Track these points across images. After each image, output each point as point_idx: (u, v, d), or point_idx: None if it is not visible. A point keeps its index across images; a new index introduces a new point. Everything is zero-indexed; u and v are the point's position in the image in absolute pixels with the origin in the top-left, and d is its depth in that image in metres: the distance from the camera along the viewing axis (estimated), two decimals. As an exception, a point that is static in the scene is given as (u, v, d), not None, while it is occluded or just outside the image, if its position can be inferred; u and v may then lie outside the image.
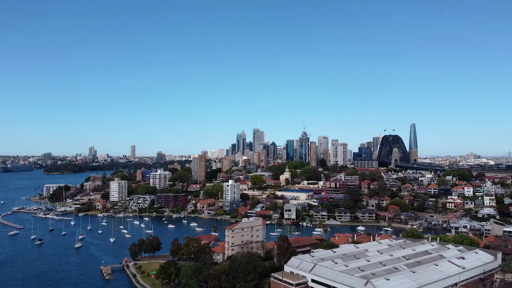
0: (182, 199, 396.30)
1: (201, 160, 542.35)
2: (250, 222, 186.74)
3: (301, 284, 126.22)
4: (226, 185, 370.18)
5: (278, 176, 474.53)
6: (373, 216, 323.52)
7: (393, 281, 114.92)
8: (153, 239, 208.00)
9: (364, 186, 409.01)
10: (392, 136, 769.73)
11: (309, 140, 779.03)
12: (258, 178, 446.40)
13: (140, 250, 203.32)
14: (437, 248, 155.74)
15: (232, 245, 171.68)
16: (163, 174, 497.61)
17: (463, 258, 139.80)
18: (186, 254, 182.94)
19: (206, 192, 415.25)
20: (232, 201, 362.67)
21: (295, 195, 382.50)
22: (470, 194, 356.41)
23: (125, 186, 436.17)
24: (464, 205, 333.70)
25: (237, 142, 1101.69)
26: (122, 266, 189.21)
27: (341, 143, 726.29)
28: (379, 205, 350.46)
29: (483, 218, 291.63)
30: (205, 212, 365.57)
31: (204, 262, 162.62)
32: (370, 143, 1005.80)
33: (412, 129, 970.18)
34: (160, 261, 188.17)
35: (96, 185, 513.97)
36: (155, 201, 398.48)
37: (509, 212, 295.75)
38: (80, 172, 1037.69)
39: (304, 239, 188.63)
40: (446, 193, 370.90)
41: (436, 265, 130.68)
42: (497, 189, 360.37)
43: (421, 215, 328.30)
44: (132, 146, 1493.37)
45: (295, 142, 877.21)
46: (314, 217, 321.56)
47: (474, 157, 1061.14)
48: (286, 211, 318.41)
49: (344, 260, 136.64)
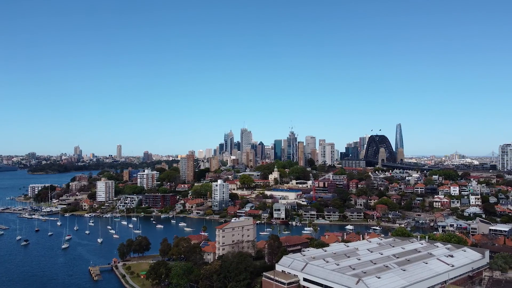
0: (170, 199, 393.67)
1: (189, 160, 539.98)
2: (241, 222, 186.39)
3: (293, 283, 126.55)
4: (215, 185, 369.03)
5: (267, 175, 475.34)
6: (361, 215, 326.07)
7: (384, 279, 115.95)
8: (142, 239, 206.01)
9: (352, 185, 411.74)
10: (378, 136, 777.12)
11: (296, 140, 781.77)
12: (247, 178, 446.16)
13: (129, 251, 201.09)
14: (426, 246, 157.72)
15: (223, 244, 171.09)
16: (150, 174, 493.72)
17: (452, 256, 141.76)
18: (176, 254, 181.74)
19: (194, 192, 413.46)
20: (221, 201, 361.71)
21: (284, 195, 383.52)
22: (456, 193, 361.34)
23: (112, 186, 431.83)
24: (450, 204, 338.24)
25: (225, 142, 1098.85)
26: (111, 266, 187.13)
27: (328, 143, 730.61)
28: (367, 204, 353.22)
29: (469, 217, 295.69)
30: (193, 212, 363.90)
31: (195, 262, 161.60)
32: (357, 143, 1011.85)
33: (398, 129, 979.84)
34: (149, 261, 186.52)
35: (82, 185, 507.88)
36: (143, 201, 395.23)
37: (495, 211, 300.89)
38: (65, 172, 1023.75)
39: (294, 238, 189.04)
40: (432, 192, 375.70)
41: (425, 263, 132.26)
42: (483, 188, 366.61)
43: (409, 214, 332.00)
44: (118, 145, 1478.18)
45: (282, 142, 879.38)
46: (303, 216, 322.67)
47: (458, 157, 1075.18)
48: (275, 211, 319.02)
49: (335, 258, 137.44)
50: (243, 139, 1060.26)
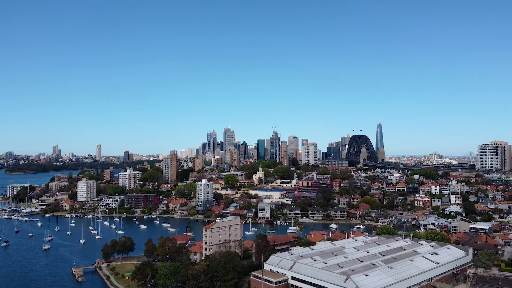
0: (153, 199, 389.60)
1: (172, 160, 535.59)
2: (228, 221, 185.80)
3: (281, 282, 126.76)
4: (199, 185, 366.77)
5: (251, 175, 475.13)
6: (344, 214, 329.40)
7: (372, 277, 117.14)
8: (126, 239, 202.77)
9: (335, 184, 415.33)
10: (360, 136, 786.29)
11: (279, 140, 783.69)
12: (231, 178, 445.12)
13: (113, 251, 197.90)
14: (410, 244, 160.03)
15: (210, 244, 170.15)
16: (132, 173, 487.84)
17: (437, 253, 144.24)
18: (161, 254, 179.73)
19: (178, 192, 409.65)
20: (206, 201, 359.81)
21: (269, 194, 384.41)
22: (437, 192, 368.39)
23: (94, 186, 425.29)
24: (431, 203, 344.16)
25: (208, 142, 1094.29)
26: (95, 267, 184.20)
27: (311, 143, 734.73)
28: (350, 203, 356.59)
29: (450, 215, 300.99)
30: (177, 212, 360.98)
31: (181, 262, 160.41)
32: (338, 143, 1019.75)
33: (379, 130, 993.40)
34: (134, 262, 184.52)
35: (62, 185, 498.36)
36: (125, 201, 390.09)
37: (475, 209, 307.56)
38: (43, 172, 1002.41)
39: (281, 237, 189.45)
40: (414, 191, 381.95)
41: (411, 261, 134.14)
42: (462, 188, 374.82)
43: (391, 212, 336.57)
44: (98, 145, 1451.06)
45: (266, 142, 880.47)
46: (288, 215, 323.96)
47: (437, 156, 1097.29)
48: (260, 210, 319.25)
49: (323, 257, 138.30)
50: (226, 139, 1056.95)
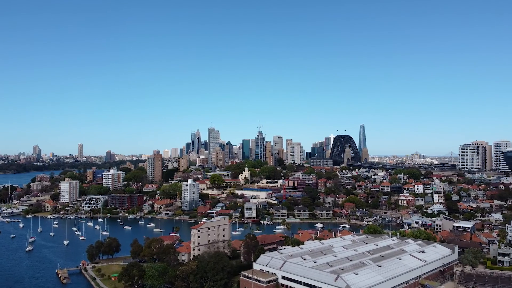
0: (137, 199, 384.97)
1: (157, 160, 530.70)
2: (217, 221, 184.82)
3: (271, 281, 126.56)
4: (185, 185, 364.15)
5: (237, 175, 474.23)
6: (330, 213, 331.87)
7: (362, 275, 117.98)
8: (111, 240, 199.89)
9: (320, 184, 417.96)
10: (344, 136, 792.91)
11: (264, 139, 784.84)
12: (217, 178, 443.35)
13: (98, 252, 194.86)
14: (397, 242, 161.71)
15: (198, 245, 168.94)
16: (116, 174, 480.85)
17: (424, 252, 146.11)
18: (148, 255, 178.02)
19: (163, 192, 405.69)
20: (191, 201, 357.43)
21: (255, 194, 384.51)
22: (420, 191, 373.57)
23: (76, 187, 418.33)
24: (415, 202, 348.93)
25: (192, 142, 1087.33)
26: (80, 269, 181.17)
27: (296, 143, 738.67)
28: (335, 202, 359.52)
29: (433, 214, 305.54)
30: (162, 212, 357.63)
31: (169, 263, 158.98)
32: (322, 143, 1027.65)
33: (362, 130, 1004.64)
34: (120, 263, 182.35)
35: (44, 186, 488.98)
36: (109, 202, 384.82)
37: (457, 208, 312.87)
38: (24, 172, 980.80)
39: (270, 237, 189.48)
40: (398, 190, 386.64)
41: (399, 259, 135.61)
42: (445, 187, 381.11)
43: (376, 211, 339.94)
44: (80, 145, 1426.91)
45: (250, 142, 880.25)
46: (274, 215, 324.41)
47: (419, 156, 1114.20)
48: (246, 210, 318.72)
49: (312, 256, 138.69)
50: (211, 139, 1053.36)
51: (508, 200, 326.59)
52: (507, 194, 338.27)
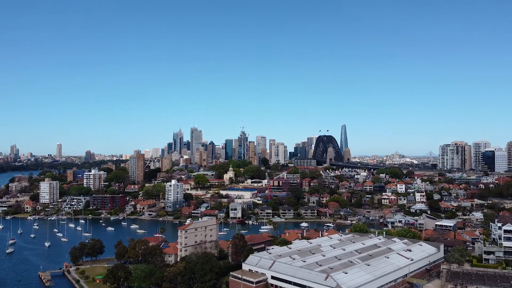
0: (120, 200, 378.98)
1: (139, 160, 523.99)
2: (204, 222, 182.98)
3: (261, 281, 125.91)
4: (168, 185, 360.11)
5: (221, 175, 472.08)
6: (315, 213, 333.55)
7: (351, 274, 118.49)
8: (95, 242, 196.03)
9: (305, 184, 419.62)
10: (326, 136, 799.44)
11: (247, 139, 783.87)
12: (201, 178, 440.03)
13: (82, 254, 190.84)
14: (384, 241, 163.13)
15: (185, 245, 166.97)
16: (97, 174, 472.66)
17: (410, 250, 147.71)
18: (133, 256, 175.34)
19: (146, 193, 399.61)
20: (175, 202, 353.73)
21: (240, 194, 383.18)
22: (402, 190, 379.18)
23: (57, 187, 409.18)
24: (398, 201, 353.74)
25: (174, 141, 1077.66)
26: (63, 271, 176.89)
27: (280, 143, 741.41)
28: (319, 201, 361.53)
29: (415, 213, 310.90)
30: (145, 213, 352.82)
31: (156, 264, 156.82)
32: (305, 143, 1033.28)
33: (343, 130, 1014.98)
34: (104, 265, 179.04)
35: (23, 186, 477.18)
36: (91, 203, 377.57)
37: (439, 207, 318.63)
38: (1, 173, 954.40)
39: (258, 237, 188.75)
40: (380, 190, 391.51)
41: (387, 258, 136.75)
42: (427, 186, 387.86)
43: (359, 211, 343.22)
44: (58, 144, 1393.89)
45: (233, 142, 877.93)
46: (260, 215, 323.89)
47: (399, 156, 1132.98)
48: (231, 210, 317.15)
49: (301, 255, 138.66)
50: (194, 139, 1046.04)
51: (488, 199, 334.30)
52: (487, 193, 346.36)
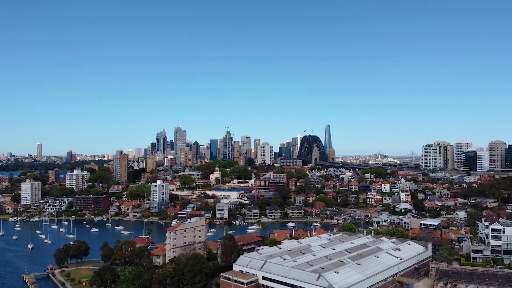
0: (104, 201, 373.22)
1: (123, 160, 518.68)
2: (192, 223, 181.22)
3: (252, 282, 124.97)
4: (153, 186, 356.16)
5: (207, 175, 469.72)
6: (301, 212, 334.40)
7: (342, 274, 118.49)
8: (80, 243, 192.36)
9: (291, 183, 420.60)
10: (311, 136, 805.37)
11: (232, 139, 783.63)
12: (187, 178, 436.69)
13: (66, 256, 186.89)
14: (373, 241, 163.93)
15: (173, 247, 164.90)
16: (80, 174, 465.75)
17: (399, 249, 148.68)
18: (120, 258, 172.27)
19: (130, 193, 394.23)
20: (161, 202, 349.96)
21: (226, 194, 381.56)
22: (387, 190, 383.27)
23: (39, 188, 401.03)
24: (382, 201, 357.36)
25: (157, 141, 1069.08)
26: (47, 274, 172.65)
27: (265, 143, 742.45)
28: (306, 201, 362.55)
29: (400, 212, 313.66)
30: (130, 214, 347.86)
31: (144, 266, 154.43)
32: (290, 143, 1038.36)
33: (327, 130, 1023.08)
34: (89, 267, 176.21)
35: (3, 187, 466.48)
36: (74, 204, 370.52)
37: (423, 206, 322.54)
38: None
39: (247, 237, 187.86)
40: (365, 189, 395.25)
41: (377, 257, 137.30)
42: (411, 186, 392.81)
43: (345, 210, 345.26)
44: (39, 144, 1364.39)
45: (218, 142, 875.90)
46: (247, 215, 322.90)
47: (381, 156, 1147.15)
48: (218, 211, 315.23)
49: (292, 255, 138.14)
50: (178, 139, 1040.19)
51: (471, 198, 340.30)
52: (470, 193, 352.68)
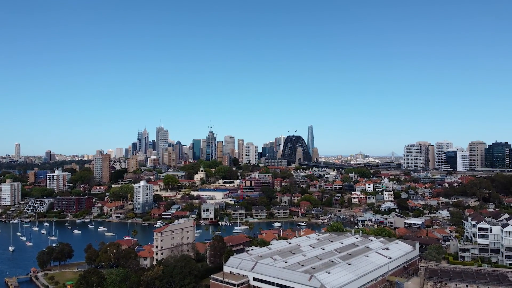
0: (86, 202, 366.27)
1: (105, 160, 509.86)
2: (180, 224, 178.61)
3: (243, 283, 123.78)
4: (137, 186, 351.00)
5: (192, 175, 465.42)
6: (287, 212, 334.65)
7: (334, 274, 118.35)
8: (64, 246, 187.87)
9: (276, 183, 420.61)
10: (295, 136, 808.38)
11: (216, 139, 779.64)
12: (171, 178, 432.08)
13: (50, 259, 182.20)
14: (361, 240, 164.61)
15: (161, 248, 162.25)
16: (61, 175, 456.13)
17: (388, 249, 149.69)
18: (105, 261, 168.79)
19: (113, 194, 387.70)
20: (144, 203, 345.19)
21: (212, 195, 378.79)
22: (371, 190, 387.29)
23: (18, 189, 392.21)
24: (367, 200, 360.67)
25: (139, 141, 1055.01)
26: (30, 277, 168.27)
27: (249, 143, 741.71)
28: (291, 201, 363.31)
29: (385, 211, 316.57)
30: (113, 215, 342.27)
31: (130, 269, 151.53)
32: (273, 143, 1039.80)
33: (310, 130, 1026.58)
34: (73, 270, 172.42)
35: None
36: (55, 205, 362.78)
37: (407, 205, 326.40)
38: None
39: (236, 238, 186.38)
40: (350, 189, 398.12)
41: (366, 257, 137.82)
42: (394, 185, 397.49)
43: (330, 209, 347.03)
44: (17, 144, 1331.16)
45: (201, 142, 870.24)
46: (232, 215, 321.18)
47: (362, 156, 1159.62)
48: (204, 211, 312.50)
49: (282, 256, 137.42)
50: (159, 138, 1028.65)
51: (453, 197, 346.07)
52: (452, 192, 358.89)
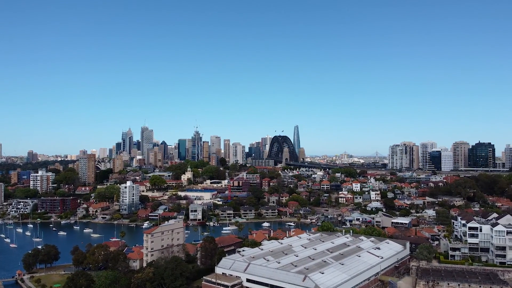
0: (71, 203, 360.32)
1: (90, 160, 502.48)
2: (171, 225, 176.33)
3: (236, 285, 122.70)
4: (123, 187, 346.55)
5: (179, 176, 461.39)
6: (275, 212, 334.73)
7: (328, 274, 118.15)
8: (50, 248, 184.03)
9: (264, 183, 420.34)
10: (281, 136, 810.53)
11: (201, 139, 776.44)
12: (158, 179, 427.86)
13: (35, 261, 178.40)
14: (352, 240, 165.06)
15: (151, 250, 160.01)
16: (45, 175, 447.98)
17: (379, 248, 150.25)
18: (93, 263, 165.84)
19: (98, 195, 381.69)
20: (131, 204, 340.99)
21: (199, 195, 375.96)
22: (358, 189, 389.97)
23: (1, 190, 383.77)
24: (354, 200, 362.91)
25: (123, 141, 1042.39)
26: (15, 279, 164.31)
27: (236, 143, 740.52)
28: (279, 201, 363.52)
29: (372, 211, 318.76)
30: (99, 216, 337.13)
31: (120, 271, 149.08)
32: (259, 143, 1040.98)
33: (296, 131, 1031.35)
34: (60, 272, 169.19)
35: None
36: (39, 206, 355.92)
37: (394, 205, 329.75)
38: None
39: (227, 239, 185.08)
40: (337, 189, 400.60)
41: (359, 256, 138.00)
42: (380, 185, 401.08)
43: (318, 209, 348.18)
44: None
45: (187, 142, 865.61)
46: (221, 216, 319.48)
47: (347, 156, 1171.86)
48: (191, 212, 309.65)
49: (275, 256, 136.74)
50: (144, 138, 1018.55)
51: (438, 197, 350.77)
52: (437, 192, 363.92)
